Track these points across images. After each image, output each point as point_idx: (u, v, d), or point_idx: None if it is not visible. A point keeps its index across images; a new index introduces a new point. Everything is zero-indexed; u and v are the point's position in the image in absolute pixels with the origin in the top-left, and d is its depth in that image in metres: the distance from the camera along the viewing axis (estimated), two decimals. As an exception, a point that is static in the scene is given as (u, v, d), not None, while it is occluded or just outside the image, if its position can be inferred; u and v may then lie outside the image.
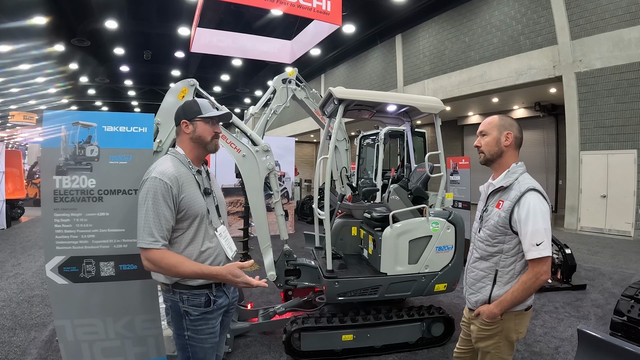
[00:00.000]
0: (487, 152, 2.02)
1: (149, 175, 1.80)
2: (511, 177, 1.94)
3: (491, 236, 1.96)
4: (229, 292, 2.01)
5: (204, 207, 1.90)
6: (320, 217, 3.62)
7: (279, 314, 3.86)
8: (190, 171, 1.92)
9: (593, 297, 5.17)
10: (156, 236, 1.73)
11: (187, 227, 1.85)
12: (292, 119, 24.88)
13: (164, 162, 1.86)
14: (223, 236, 2.00)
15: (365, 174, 9.75)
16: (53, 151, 2.36)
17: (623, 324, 3.28)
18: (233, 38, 11.53)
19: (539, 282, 1.82)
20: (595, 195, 10.26)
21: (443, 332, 3.72)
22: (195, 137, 1.95)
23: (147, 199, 1.75)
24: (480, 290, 2.01)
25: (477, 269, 2.04)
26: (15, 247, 8.02)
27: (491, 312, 1.93)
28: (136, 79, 22.96)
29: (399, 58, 16.61)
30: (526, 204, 1.83)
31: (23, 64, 16.70)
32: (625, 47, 9.34)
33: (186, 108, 1.98)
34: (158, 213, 1.75)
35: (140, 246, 1.75)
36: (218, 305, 1.92)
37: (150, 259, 1.74)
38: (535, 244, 1.79)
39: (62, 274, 2.38)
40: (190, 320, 1.85)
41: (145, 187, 1.78)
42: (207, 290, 1.88)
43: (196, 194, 1.89)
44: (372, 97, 3.69)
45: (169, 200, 1.77)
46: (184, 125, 1.95)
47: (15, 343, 3.68)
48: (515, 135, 1.98)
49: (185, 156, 1.95)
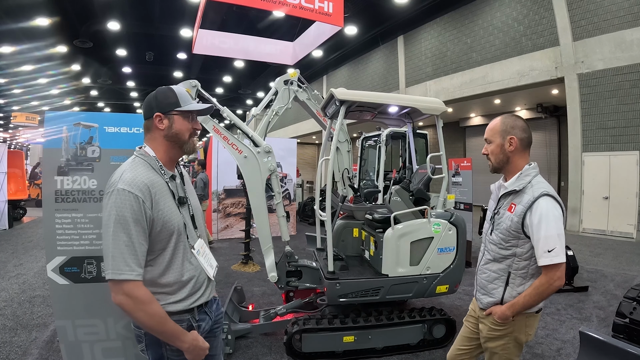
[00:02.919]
0: (493, 161, 1.99)
1: (115, 186, 1.44)
2: (523, 180, 1.90)
3: (504, 239, 1.93)
4: (211, 313, 1.74)
5: (180, 222, 1.58)
6: (322, 219, 3.62)
7: (280, 315, 3.85)
8: (162, 178, 1.58)
9: (595, 299, 5.15)
10: (131, 264, 1.40)
11: (163, 247, 1.53)
12: (294, 121, 24.90)
13: (132, 168, 1.51)
14: (202, 253, 1.69)
15: (367, 175, 9.74)
16: (55, 152, 2.37)
17: (625, 326, 3.26)
18: (235, 39, 11.55)
19: (552, 288, 1.80)
20: (597, 197, 10.23)
21: (444, 333, 3.71)
22: (171, 135, 1.61)
23: (115, 218, 1.41)
24: (493, 292, 1.99)
25: (490, 270, 2.02)
26: (17, 248, 8.04)
27: (503, 314, 1.91)
28: (138, 80, 23.02)
29: (401, 59, 16.61)
30: (539, 209, 1.79)
31: (26, 65, 16.77)
32: (627, 48, 9.32)
33: (160, 98, 1.60)
34: (130, 235, 1.41)
35: (113, 278, 1.39)
36: (202, 330, 1.65)
37: (127, 293, 1.40)
38: (547, 251, 1.76)
39: (63, 274, 2.39)
40: (171, 351, 1.56)
41: (111, 203, 1.42)
42: (189, 315, 1.60)
43: (171, 206, 1.56)
44: (373, 99, 3.69)
45: (141, 217, 1.44)
46: (158, 119, 1.58)
47: (17, 343, 3.69)
48: (519, 137, 1.92)
49: (157, 159, 1.60)
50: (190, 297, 1.59)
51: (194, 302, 1.61)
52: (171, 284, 1.55)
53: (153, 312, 1.45)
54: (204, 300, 1.66)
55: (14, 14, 12.24)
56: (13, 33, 13.20)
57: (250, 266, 6.72)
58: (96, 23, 13.94)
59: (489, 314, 2.00)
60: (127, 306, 1.42)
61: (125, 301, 1.41)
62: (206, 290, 1.68)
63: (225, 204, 9.33)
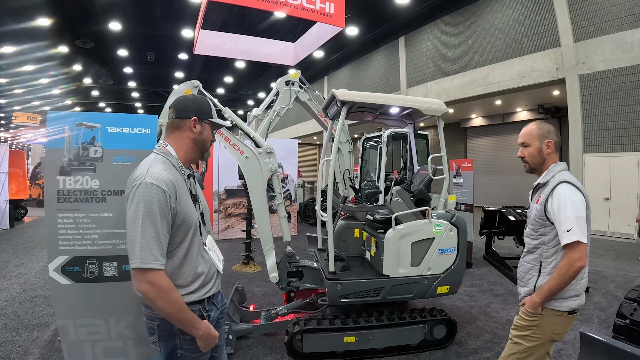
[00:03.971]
0: (531, 163, 2.15)
1: (142, 179, 1.53)
2: (549, 174, 2.07)
3: (533, 229, 2.08)
4: (218, 303, 1.86)
5: (196, 218, 1.71)
6: (323, 219, 3.62)
7: (281, 315, 3.85)
8: (182, 175, 1.69)
9: (596, 300, 5.14)
10: (156, 255, 1.49)
11: (181, 240, 1.64)
12: (295, 121, 24.92)
13: (156, 165, 1.61)
14: (211, 248, 1.83)
15: (368, 176, 9.74)
16: (57, 152, 2.38)
17: (626, 327, 3.26)
18: (236, 40, 11.57)
19: (573, 268, 1.86)
20: (598, 198, 10.21)
21: (445, 334, 3.71)
22: (200, 140, 1.76)
23: (144, 211, 1.49)
24: (528, 282, 2.08)
25: (525, 262, 2.14)
26: (18, 247, 8.06)
27: (532, 301, 1.97)
28: (140, 80, 23.06)
29: (402, 60, 16.61)
30: (557, 195, 1.95)
31: (27, 65, 16.80)
32: (628, 49, 9.31)
33: (200, 104, 1.77)
34: (156, 227, 1.50)
35: (139, 267, 1.47)
36: (211, 320, 1.76)
37: (152, 282, 1.48)
38: (566, 230, 1.87)
39: (65, 274, 2.39)
40: (184, 340, 1.65)
41: (139, 195, 1.51)
42: (200, 305, 1.71)
43: (190, 202, 1.68)
44: (374, 99, 3.69)
45: (167, 211, 1.54)
46: (193, 122, 1.72)
47: (18, 343, 3.69)
48: (555, 140, 2.11)
49: (177, 158, 1.71)
50: (202, 288, 1.70)
51: (205, 293, 1.72)
52: (186, 276, 1.65)
53: (173, 300, 1.53)
54: (213, 292, 1.78)
55: (16, 14, 12.27)
56: (14, 33, 13.22)
57: (252, 266, 6.73)
58: (97, 23, 13.98)
59: (523, 304, 2.06)
60: (150, 294, 1.50)
61: (149, 289, 1.49)
62: (215, 282, 1.80)
63: (226, 204, 9.33)
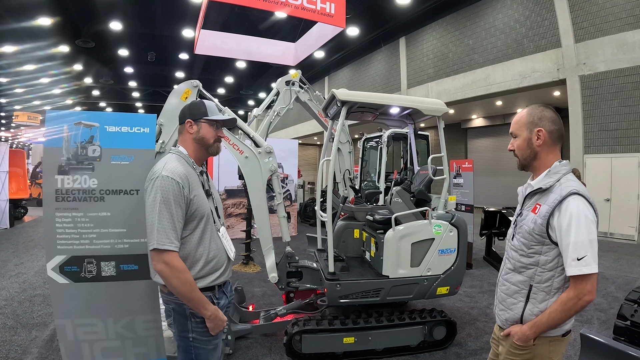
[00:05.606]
0: (520, 157, 1.77)
1: (159, 173, 1.76)
2: (552, 177, 1.66)
3: (526, 245, 1.68)
4: (227, 292, 2.05)
5: (208, 208, 1.91)
6: (323, 220, 3.62)
7: (281, 316, 3.85)
8: (195, 171, 1.91)
9: (596, 301, 5.13)
10: (171, 238, 1.71)
11: (195, 227, 1.84)
12: (295, 121, 24.90)
13: (171, 161, 1.84)
14: (225, 237, 2.01)
15: (368, 176, 9.74)
16: (55, 151, 2.37)
17: (626, 329, 3.25)
18: (237, 40, 11.56)
19: (581, 302, 1.53)
20: (599, 199, 10.19)
21: (445, 335, 3.70)
22: (199, 138, 1.94)
23: (161, 199, 1.72)
24: (512, 307, 1.73)
25: (509, 282, 1.76)
26: (18, 247, 8.06)
27: (524, 335, 1.64)
28: (140, 80, 23.06)
29: (403, 61, 16.60)
30: (569, 210, 1.54)
31: (28, 65, 16.81)
32: (629, 50, 9.30)
33: (192, 108, 1.98)
34: (172, 213, 1.72)
35: (156, 247, 1.69)
36: (221, 306, 1.94)
37: (167, 262, 1.70)
38: (577, 259, 1.50)
39: (63, 274, 2.38)
40: (196, 323, 1.84)
41: (156, 186, 1.74)
42: (211, 292, 1.89)
43: (202, 194, 1.89)
44: (375, 99, 3.69)
45: (181, 200, 1.76)
46: (189, 124, 1.94)
47: (16, 342, 3.69)
48: (548, 129, 1.68)
49: (189, 156, 1.94)
50: (211, 274, 1.88)
51: (216, 279, 1.90)
52: (199, 260, 1.84)
53: (185, 279, 1.73)
54: (223, 280, 1.96)
55: (16, 14, 12.27)
56: (15, 32, 13.22)
57: (251, 267, 6.72)
58: (98, 23, 13.97)
59: (507, 334, 1.72)
60: (165, 273, 1.71)
61: (165, 268, 1.70)
62: (225, 270, 1.97)
63: (226, 204, 9.32)
